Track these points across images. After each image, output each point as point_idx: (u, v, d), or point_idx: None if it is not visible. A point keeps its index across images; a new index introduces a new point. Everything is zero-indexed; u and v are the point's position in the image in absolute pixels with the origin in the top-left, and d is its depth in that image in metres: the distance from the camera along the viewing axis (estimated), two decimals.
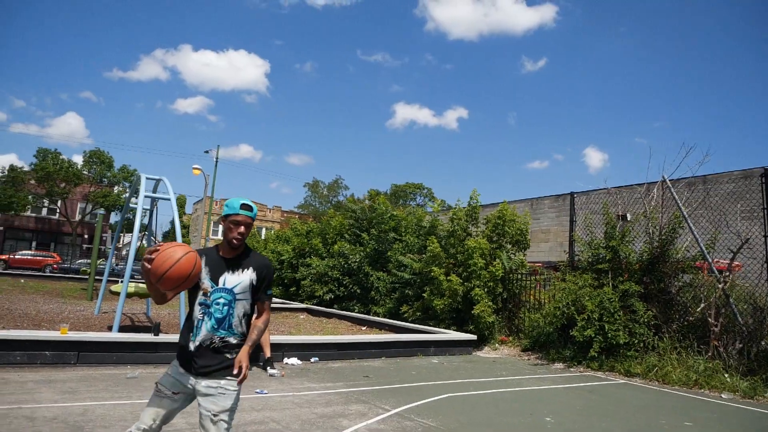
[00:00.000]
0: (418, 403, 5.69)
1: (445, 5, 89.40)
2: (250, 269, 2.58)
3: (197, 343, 2.47)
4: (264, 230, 46.53)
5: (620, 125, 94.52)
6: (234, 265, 2.56)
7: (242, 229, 2.54)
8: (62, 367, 6.23)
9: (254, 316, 2.67)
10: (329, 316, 14.57)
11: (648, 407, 6.24)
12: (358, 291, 15.25)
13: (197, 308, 2.51)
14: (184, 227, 50.01)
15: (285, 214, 54.19)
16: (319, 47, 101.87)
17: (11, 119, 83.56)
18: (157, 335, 6.94)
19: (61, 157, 41.39)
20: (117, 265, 30.72)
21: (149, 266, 2.31)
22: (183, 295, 9.15)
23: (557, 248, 22.90)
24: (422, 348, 9.36)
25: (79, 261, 34.08)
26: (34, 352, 6.11)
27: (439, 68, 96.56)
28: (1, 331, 6.96)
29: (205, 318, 2.49)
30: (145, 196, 9.80)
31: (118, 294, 10.19)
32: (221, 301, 2.50)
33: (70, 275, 27.24)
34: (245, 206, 2.57)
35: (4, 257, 32.42)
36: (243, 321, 2.55)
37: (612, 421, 5.46)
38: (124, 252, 47.34)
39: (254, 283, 2.58)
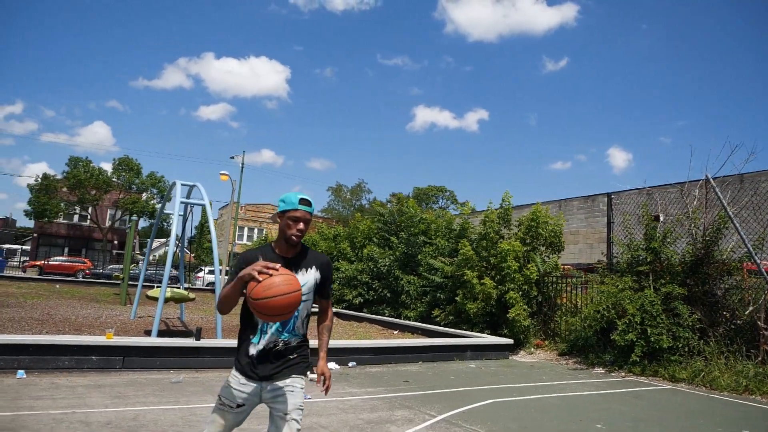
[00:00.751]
0: (464, 408, 5.60)
1: (464, 7, 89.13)
2: (313, 268, 2.48)
3: (260, 347, 2.38)
4: None
5: (644, 124, 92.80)
6: (296, 264, 2.43)
7: (301, 225, 2.41)
8: (108, 372, 6.31)
9: (320, 316, 2.62)
10: (360, 320, 14.55)
11: (699, 414, 6.04)
12: (388, 295, 15.20)
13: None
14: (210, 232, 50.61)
15: None
16: (338, 52, 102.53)
17: (42, 129, 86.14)
18: (199, 339, 7.00)
19: (91, 165, 42.35)
20: (146, 270, 31.25)
21: (259, 278, 2.14)
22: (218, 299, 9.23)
23: (586, 250, 22.53)
24: (458, 352, 9.25)
25: (111, 266, 34.75)
26: (81, 357, 6.21)
27: (459, 70, 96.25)
28: (49, 336, 7.11)
29: (269, 323, 2.38)
30: (181, 202, 9.89)
31: (153, 299, 10.34)
32: None
33: (102, 280, 27.80)
34: (304, 201, 2.42)
35: (38, 263, 33.27)
36: (305, 322, 2.49)
37: (665, 429, 5.29)
38: (150, 257, 48.13)
39: (318, 282, 2.49)
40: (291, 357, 2.42)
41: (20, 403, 4.74)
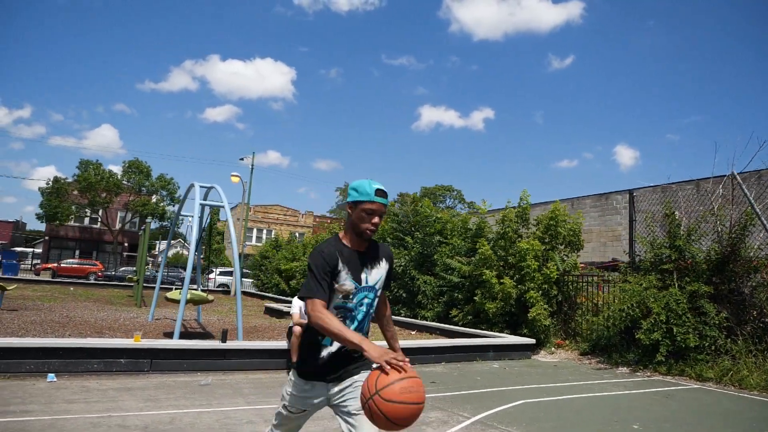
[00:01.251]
0: (496, 410, 5.55)
1: (469, 6, 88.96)
2: (383, 261, 2.34)
3: (332, 350, 2.25)
4: (298, 234, 46.89)
5: (651, 122, 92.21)
6: (370, 258, 2.30)
7: (376, 219, 2.21)
8: (136, 375, 6.30)
9: (381, 307, 2.51)
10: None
11: (733, 414, 5.95)
12: (404, 295, 15.13)
13: (333, 312, 2.22)
14: (219, 234, 50.79)
15: (317, 219, 54.59)
16: (343, 53, 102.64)
17: (50, 132, 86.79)
18: (225, 342, 6.98)
19: (101, 168, 42.59)
20: (156, 271, 31.32)
21: (387, 368, 1.87)
22: (239, 302, 9.20)
23: (600, 248, 22.36)
24: (480, 353, 9.19)
25: (122, 269, 34.93)
26: (110, 360, 6.20)
27: (464, 69, 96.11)
28: (78, 339, 7.10)
29: (346, 322, 2.24)
30: (200, 204, 9.88)
31: (172, 301, 10.35)
32: (366, 301, 2.27)
33: (114, 282, 27.93)
34: (380, 192, 2.20)
35: (51, 266, 33.49)
36: (370, 317, 2.39)
37: (705, 430, 5.21)
38: (159, 258, 48.28)
39: (387, 275, 2.39)
40: (355, 355, 2.31)
41: (55, 407, 4.74)
